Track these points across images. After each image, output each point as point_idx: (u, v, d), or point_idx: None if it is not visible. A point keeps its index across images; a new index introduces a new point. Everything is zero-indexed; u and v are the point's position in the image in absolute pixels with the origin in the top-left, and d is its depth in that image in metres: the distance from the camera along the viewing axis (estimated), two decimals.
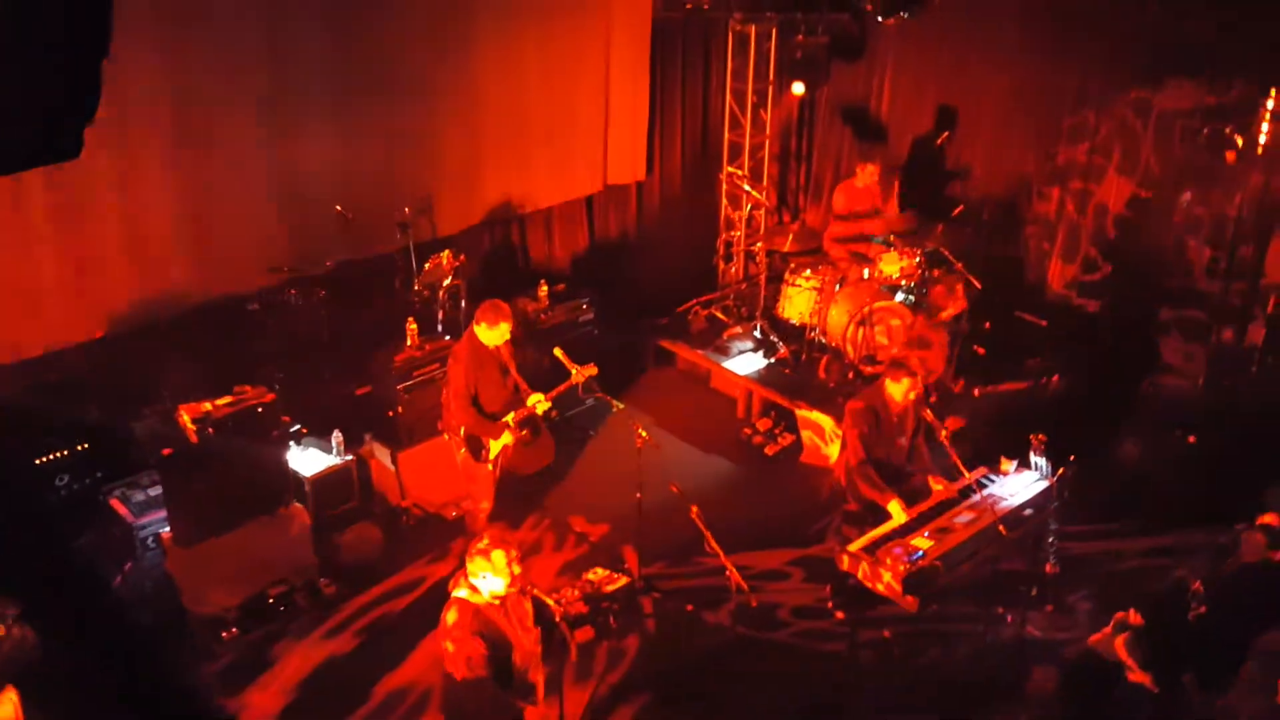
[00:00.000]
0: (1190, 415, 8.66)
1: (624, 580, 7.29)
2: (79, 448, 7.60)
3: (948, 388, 8.45)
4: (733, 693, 6.63)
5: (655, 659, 6.90)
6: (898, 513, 6.62)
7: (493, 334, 7.20)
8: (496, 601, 4.96)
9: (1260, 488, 7.61)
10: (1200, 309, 9.28)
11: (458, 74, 9.38)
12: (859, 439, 6.90)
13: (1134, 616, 6.10)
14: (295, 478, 7.71)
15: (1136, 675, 5.65)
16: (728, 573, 6.59)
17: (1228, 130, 8.11)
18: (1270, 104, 8.00)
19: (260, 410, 7.63)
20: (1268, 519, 6.50)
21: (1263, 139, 8.09)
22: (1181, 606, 6.22)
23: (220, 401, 7.58)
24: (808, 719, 6.48)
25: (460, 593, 4.97)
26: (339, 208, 8.37)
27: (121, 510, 7.52)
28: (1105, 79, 9.78)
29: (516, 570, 4.94)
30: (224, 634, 7.01)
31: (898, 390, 6.86)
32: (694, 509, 6.61)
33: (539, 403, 7.39)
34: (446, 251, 8.86)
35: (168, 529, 7.32)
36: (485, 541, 4.96)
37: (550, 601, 5.26)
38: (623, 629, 7.12)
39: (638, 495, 7.25)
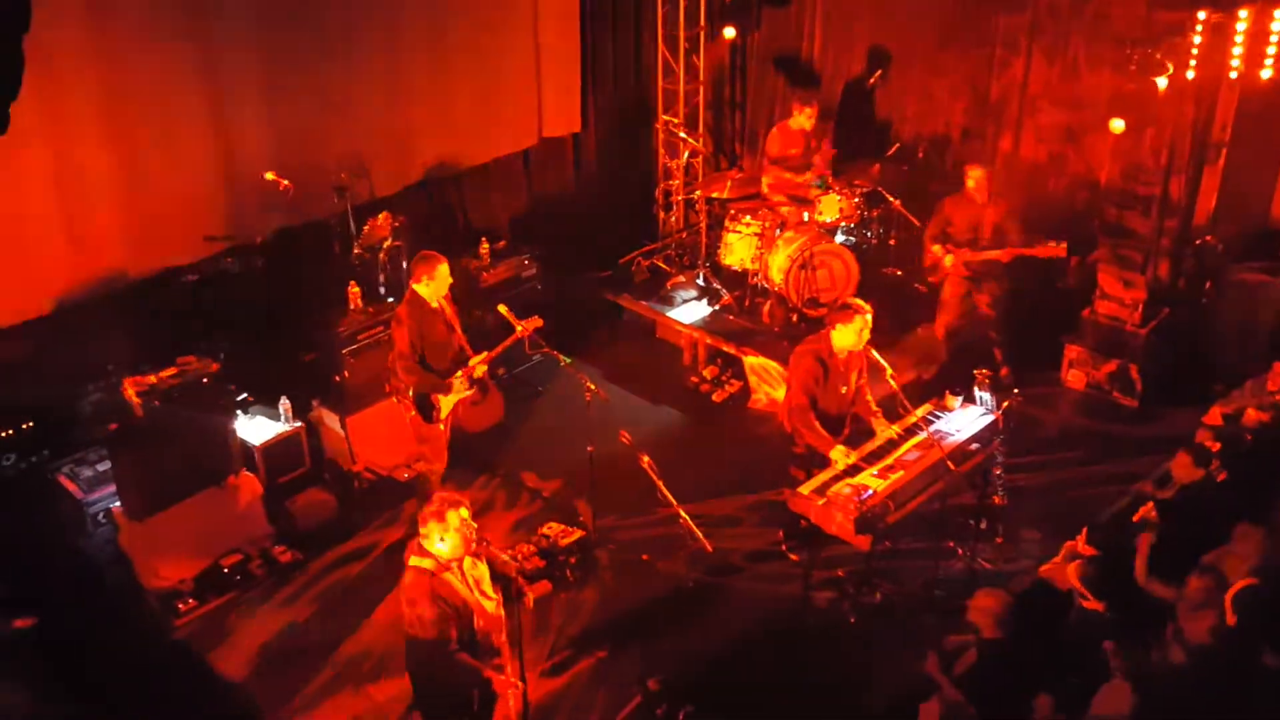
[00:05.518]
0: (1127, 343, 8.80)
1: (578, 533, 7.34)
2: (24, 426, 7.50)
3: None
4: (691, 640, 6.70)
5: (612, 610, 6.97)
6: (840, 459, 6.67)
7: (434, 285, 7.06)
8: (453, 567, 4.96)
9: (1199, 413, 7.81)
10: (1135, 240, 9.39)
11: (382, 32, 9.19)
12: (803, 388, 6.89)
13: (1084, 545, 6.21)
14: (244, 446, 7.66)
15: (1090, 603, 5.73)
16: (681, 521, 6.65)
17: (1158, 56, 8.10)
18: (1199, 28, 7.98)
19: (205, 381, 7.60)
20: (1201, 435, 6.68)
21: (1193, 64, 8.09)
22: (1130, 532, 6.35)
23: (165, 374, 7.52)
24: (766, 661, 6.58)
25: (415, 561, 4.96)
26: (270, 174, 8.24)
27: (70, 487, 7.45)
28: (1034, 9, 9.78)
29: (472, 528, 4.94)
30: (180, 606, 6.99)
31: (849, 331, 6.70)
32: (645, 459, 6.65)
33: (482, 361, 7.34)
34: (384, 213, 8.76)
35: (118, 504, 7.28)
36: (436, 503, 4.94)
37: (504, 557, 5.28)
38: (579, 581, 7.18)
39: (589, 448, 7.27)
